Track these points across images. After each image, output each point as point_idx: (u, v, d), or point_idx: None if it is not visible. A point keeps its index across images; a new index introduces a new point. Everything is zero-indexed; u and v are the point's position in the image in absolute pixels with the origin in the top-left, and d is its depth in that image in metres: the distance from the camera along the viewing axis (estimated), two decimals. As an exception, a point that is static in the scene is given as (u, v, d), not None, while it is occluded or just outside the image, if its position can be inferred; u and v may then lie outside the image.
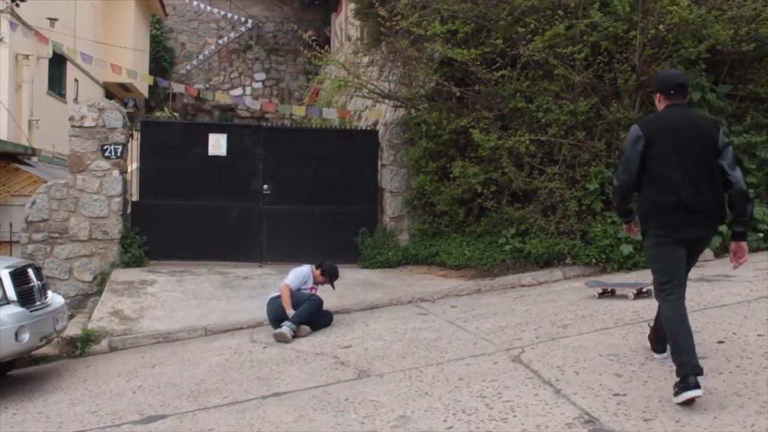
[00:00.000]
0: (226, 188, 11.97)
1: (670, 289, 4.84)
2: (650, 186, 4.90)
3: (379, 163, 12.23)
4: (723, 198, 4.88)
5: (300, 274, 8.43)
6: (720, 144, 4.86)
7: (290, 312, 8.06)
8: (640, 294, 7.84)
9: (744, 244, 4.94)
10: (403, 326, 7.89)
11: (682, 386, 4.54)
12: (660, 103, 5.13)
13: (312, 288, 8.51)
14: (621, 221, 5.71)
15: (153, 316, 9.22)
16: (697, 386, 4.49)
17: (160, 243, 11.68)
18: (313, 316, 8.14)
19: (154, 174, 11.88)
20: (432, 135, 11.15)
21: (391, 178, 12.05)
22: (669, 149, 4.84)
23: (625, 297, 7.88)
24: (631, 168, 4.93)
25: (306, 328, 7.99)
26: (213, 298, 9.83)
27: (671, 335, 4.75)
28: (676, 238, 4.86)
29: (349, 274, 10.49)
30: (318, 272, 8.58)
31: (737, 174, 4.85)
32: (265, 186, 12.07)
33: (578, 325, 6.84)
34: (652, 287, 6.37)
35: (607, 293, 8.15)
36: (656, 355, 5.60)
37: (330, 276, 8.58)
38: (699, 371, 4.54)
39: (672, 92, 5.04)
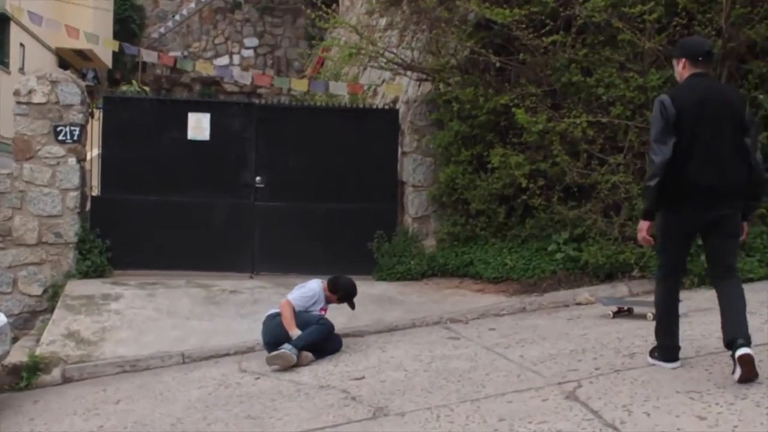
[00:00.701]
0: (210, 181, 12.06)
1: (667, 271, 5.95)
2: (674, 164, 5.57)
3: (400, 150, 12.30)
4: (746, 176, 5.66)
5: (308, 292, 8.44)
6: (747, 121, 5.59)
7: (294, 333, 8.03)
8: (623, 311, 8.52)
9: (745, 223, 5.88)
10: (429, 353, 7.87)
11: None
12: (684, 70, 5.81)
13: (322, 309, 8.54)
14: (644, 217, 5.96)
15: (117, 339, 9.22)
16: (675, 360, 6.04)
17: (126, 248, 11.76)
18: (321, 343, 8.15)
19: (119, 163, 11.97)
20: (465, 115, 11.18)
21: (414, 169, 12.10)
22: (698, 124, 5.53)
23: (643, 317, 8.27)
24: (668, 139, 5.56)
25: (309, 356, 7.98)
26: (193, 317, 9.86)
27: (659, 316, 6.09)
28: (692, 224, 5.76)
29: (362, 289, 10.20)
30: (330, 290, 8.60)
31: (758, 158, 5.64)
32: (258, 178, 12.17)
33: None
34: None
35: (623, 312, 8.65)
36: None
37: (346, 294, 8.60)
38: (676, 356, 6.06)
39: (700, 59, 5.71)
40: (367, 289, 10.59)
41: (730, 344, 5.64)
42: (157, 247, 11.83)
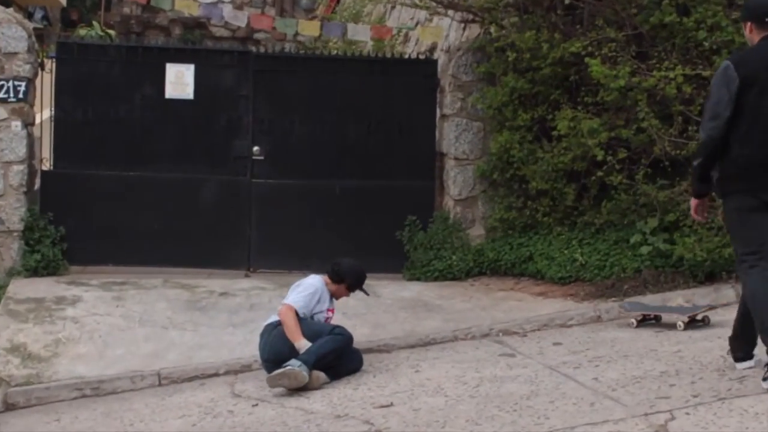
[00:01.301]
0: (194, 152, 12.14)
1: (753, 261, 6.18)
2: (738, 139, 6.14)
3: (438, 112, 12.34)
4: None
5: (308, 289, 8.50)
6: None
7: (301, 344, 8.03)
8: (693, 322, 8.72)
9: None
10: (476, 374, 7.86)
11: None
12: (751, 34, 6.33)
13: (329, 310, 8.60)
14: (695, 195, 6.79)
15: (75, 355, 9.20)
16: None
17: (87, 238, 11.84)
18: (337, 359, 8.13)
19: (78, 128, 12.06)
20: (524, 68, 11.20)
21: (456, 137, 12.12)
22: (764, 94, 6.07)
23: (673, 326, 8.72)
24: (722, 115, 6.12)
25: (322, 376, 7.95)
26: (172, 327, 9.88)
27: (758, 313, 6.12)
28: (765, 200, 6.15)
29: (389, 290, 10.75)
30: (334, 281, 8.68)
31: None
32: (256, 148, 12.22)
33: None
34: (709, 313, 8.74)
35: (649, 320, 9.12)
36: (738, 365, 6.73)
37: (356, 279, 8.71)
38: None
39: (766, 20, 6.21)
40: (396, 291, 10.83)
41: None
42: (126, 236, 11.89)
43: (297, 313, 8.22)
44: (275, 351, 8.14)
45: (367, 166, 12.29)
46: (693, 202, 6.70)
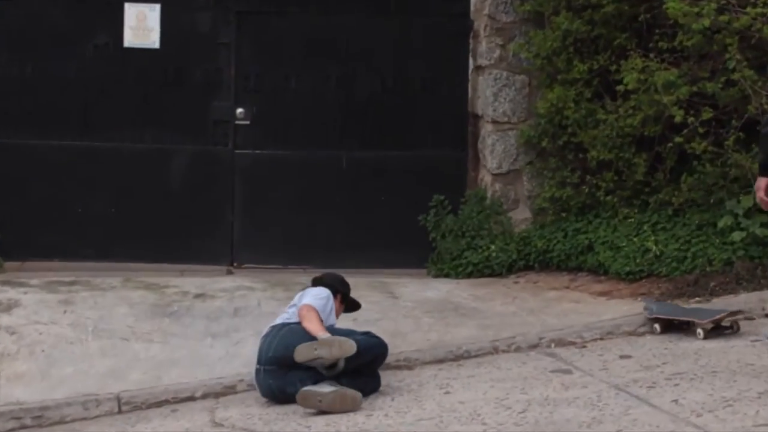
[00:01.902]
0: (160, 116, 12.24)
1: None
2: None
3: (471, 63, 12.39)
4: None
5: (321, 293, 8.65)
6: None
7: (323, 337, 7.99)
8: (718, 328, 8.95)
9: None
10: (522, 396, 7.80)
11: None
12: None
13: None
14: (760, 173, 6.89)
15: (12, 375, 9.12)
16: None
17: (24, 226, 11.93)
18: (369, 368, 8.23)
19: (13, 87, 12.12)
20: (581, 5, 11.23)
21: (494, 94, 12.10)
22: None
23: (694, 335, 9.04)
24: None
25: (358, 397, 7.90)
26: (135, 338, 9.81)
27: None
28: None
29: (410, 290, 10.79)
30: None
31: None
32: (240, 111, 12.26)
33: None
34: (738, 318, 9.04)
35: (682, 324, 9.34)
36: None
37: (346, 290, 8.93)
38: None
39: None
40: (418, 290, 10.82)
41: None
42: (76, 223, 12.01)
43: (319, 315, 8.32)
44: (285, 344, 8.11)
45: (381, 133, 12.34)
46: (761, 181, 6.76)
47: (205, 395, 8.77)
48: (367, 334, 8.35)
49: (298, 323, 8.24)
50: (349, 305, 8.96)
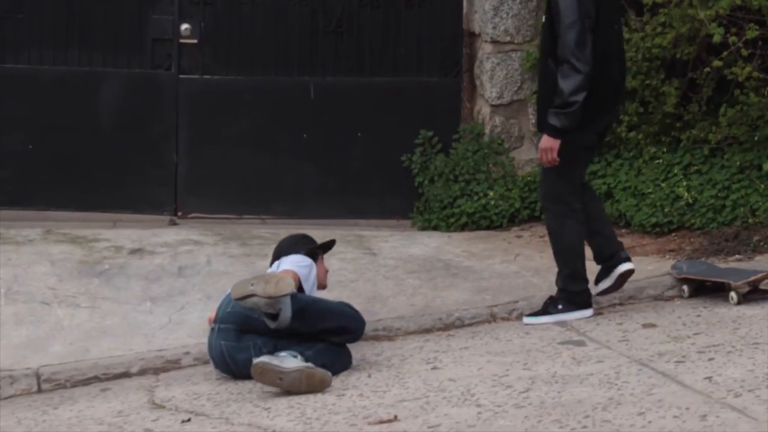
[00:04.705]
0: (86, 32, 11.87)
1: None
2: None
3: (467, -31, 11.90)
4: None
5: (303, 261, 8.53)
6: None
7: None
8: (757, 291, 8.77)
9: None
10: (525, 372, 7.55)
11: None
12: None
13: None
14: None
15: None
16: None
17: None
18: (336, 336, 8.02)
19: None
20: None
21: (495, 7, 11.67)
22: None
23: (726, 299, 8.78)
24: None
25: (327, 376, 7.65)
26: (58, 303, 9.51)
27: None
28: None
29: (391, 245, 10.81)
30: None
31: None
32: (185, 26, 11.77)
33: None
34: None
35: (706, 286, 9.11)
36: None
37: (312, 241, 8.80)
38: None
39: None
40: (401, 246, 10.84)
41: None
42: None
43: (301, 286, 8.26)
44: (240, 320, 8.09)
45: (357, 55, 12.03)
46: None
47: (143, 371, 8.54)
48: (345, 304, 8.24)
49: None
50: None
